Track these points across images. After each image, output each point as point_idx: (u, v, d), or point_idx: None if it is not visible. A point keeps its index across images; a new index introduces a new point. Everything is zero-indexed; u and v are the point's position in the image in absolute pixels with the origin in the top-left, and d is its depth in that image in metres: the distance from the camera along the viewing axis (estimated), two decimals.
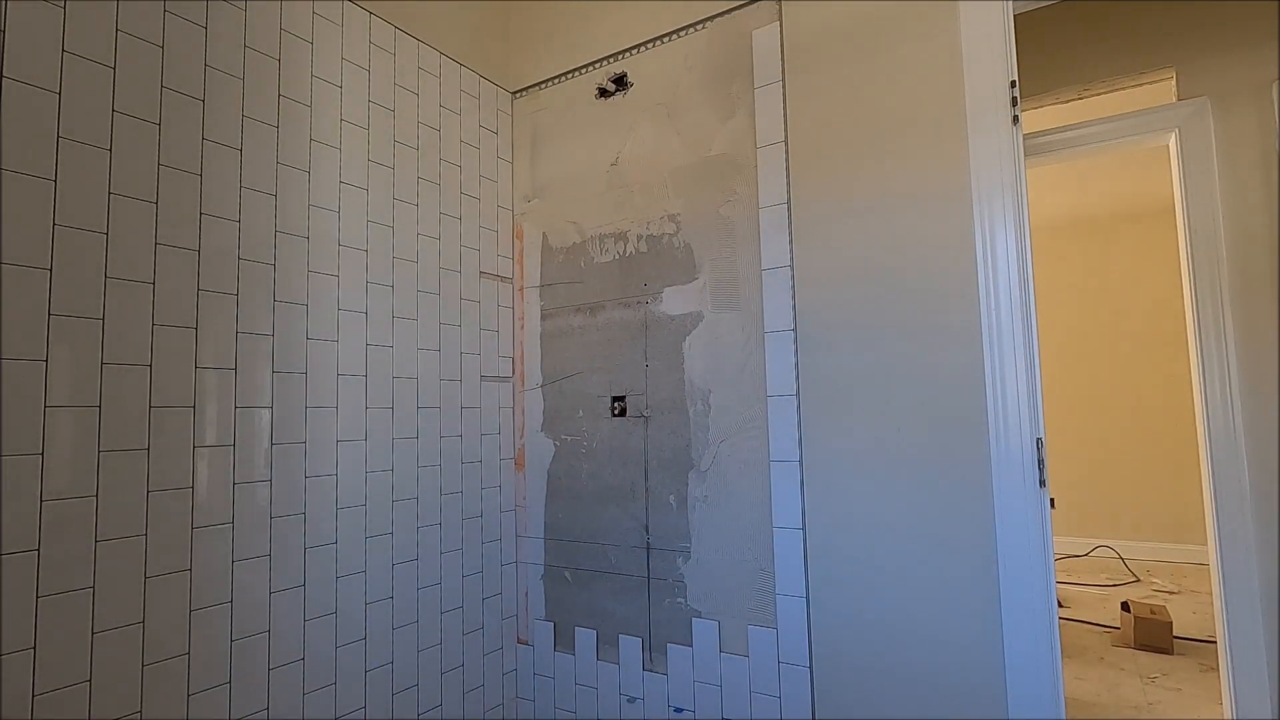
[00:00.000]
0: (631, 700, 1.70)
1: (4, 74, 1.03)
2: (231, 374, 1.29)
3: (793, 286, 1.53)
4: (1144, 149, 2.26)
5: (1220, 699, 2.03)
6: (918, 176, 1.40)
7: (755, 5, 1.63)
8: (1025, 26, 2.14)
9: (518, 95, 2.06)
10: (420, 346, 1.70)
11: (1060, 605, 3.40)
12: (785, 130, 1.56)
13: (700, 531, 1.62)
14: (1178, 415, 4.26)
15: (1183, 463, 4.23)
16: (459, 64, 1.88)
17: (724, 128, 1.66)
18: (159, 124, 1.21)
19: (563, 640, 1.85)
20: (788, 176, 1.55)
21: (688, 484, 1.65)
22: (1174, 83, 2.00)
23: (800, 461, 1.49)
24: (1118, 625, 3.06)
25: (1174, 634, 2.86)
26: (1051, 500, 1.30)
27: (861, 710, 1.40)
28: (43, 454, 1.04)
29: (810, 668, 1.46)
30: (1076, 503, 4.52)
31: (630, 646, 1.72)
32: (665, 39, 1.78)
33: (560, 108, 1.97)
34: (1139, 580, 3.95)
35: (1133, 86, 2.10)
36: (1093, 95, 2.16)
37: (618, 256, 1.82)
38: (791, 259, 1.53)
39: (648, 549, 1.71)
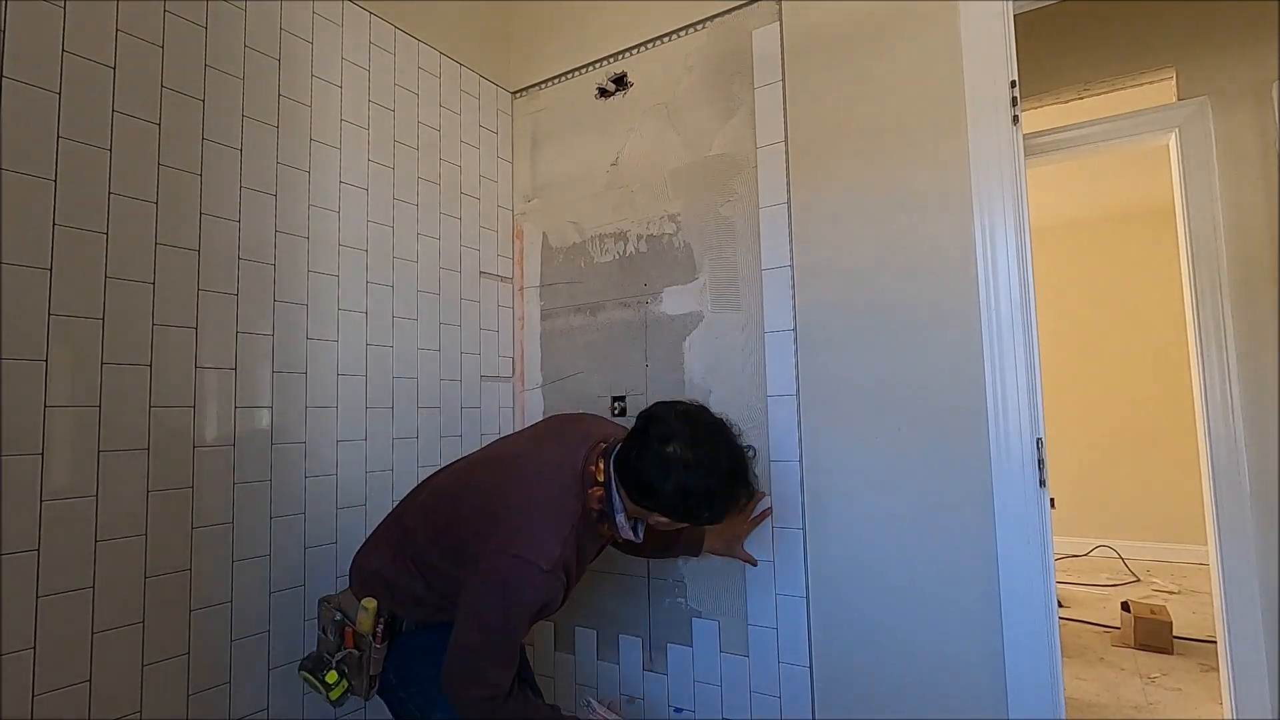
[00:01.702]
0: (631, 700, 1.70)
1: (4, 74, 1.03)
2: (231, 374, 1.29)
3: (793, 286, 1.53)
4: (1144, 149, 2.25)
5: (1220, 699, 2.03)
6: (918, 176, 1.40)
7: (755, 5, 1.63)
8: (1025, 26, 2.13)
9: (518, 95, 2.06)
10: (420, 346, 1.70)
11: (1060, 605, 3.39)
12: (785, 130, 1.56)
13: None
14: (1178, 415, 4.25)
15: (1183, 462, 4.22)
16: (459, 64, 1.88)
17: (724, 127, 1.66)
18: (159, 124, 1.21)
19: (563, 640, 1.85)
20: (788, 176, 1.55)
21: None
22: (1174, 83, 1.99)
23: (800, 461, 1.49)
24: (1118, 625, 3.06)
25: (1174, 634, 2.86)
26: (1052, 500, 1.30)
27: (861, 710, 1.40)
28: (43, 454, 1.04)
29: (810, 667, 1.46)
30: (1077, 503, 4.51)
31: (630, 646, 1.72)
32: (665, 39, 1.77)
33: (560, 108, 1.97)
34: (1139, 580, 3.95)
35: (1133, 86, 2.10)
36: (1093, 95, 2.15)
37: (617, 256, 1.81)
38: (791, 259, 1.53)
39: None
